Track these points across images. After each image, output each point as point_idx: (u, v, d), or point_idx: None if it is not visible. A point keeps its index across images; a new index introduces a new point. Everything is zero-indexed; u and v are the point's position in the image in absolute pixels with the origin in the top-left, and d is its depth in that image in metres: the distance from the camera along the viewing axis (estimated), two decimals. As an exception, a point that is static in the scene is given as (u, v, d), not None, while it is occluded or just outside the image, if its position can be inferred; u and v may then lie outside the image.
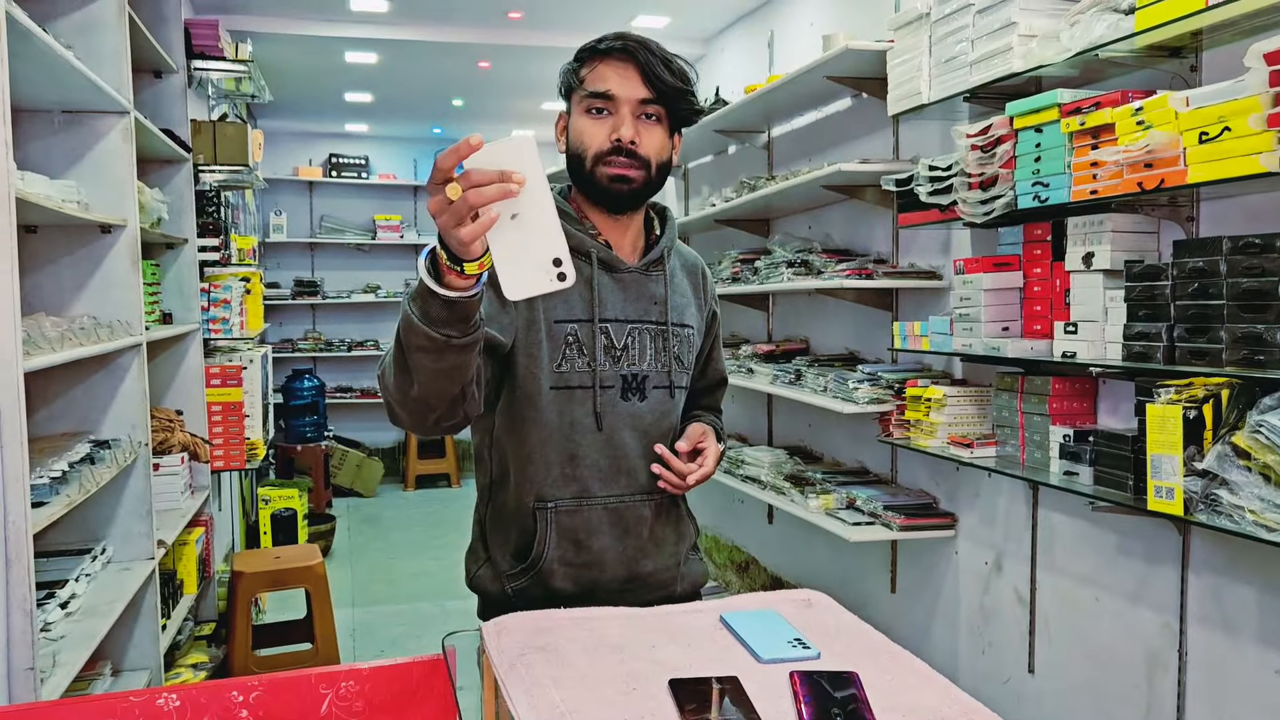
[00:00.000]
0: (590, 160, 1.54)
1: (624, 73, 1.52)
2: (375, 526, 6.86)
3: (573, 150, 1.57)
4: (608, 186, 1.54)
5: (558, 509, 1.58)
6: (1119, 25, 2.22)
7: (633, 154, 1.53)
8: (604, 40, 1.54)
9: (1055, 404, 2.61)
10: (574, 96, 1.58)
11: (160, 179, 3.67)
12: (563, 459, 1.58)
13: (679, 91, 1.54)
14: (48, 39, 2.09)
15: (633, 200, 1.58)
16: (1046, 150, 2.42)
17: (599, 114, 1.54)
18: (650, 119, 1.54)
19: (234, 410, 3.99)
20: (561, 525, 1.58)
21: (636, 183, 1.55)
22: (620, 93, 1.52)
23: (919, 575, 3.51)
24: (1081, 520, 2.72)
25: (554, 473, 1.58)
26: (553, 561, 1.58)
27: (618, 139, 1.52)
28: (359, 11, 4.85)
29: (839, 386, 3.39)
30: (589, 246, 1.58)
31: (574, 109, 1.58)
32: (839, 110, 3.94)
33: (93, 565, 2.71)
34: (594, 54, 1.55)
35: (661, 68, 1.51)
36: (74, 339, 2.35)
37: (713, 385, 1.86)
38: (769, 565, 4.68)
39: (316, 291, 8.25)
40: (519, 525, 1.60)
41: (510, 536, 1.62)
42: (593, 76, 1.54)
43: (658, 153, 1.56)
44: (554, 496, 1.58)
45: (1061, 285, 2.55)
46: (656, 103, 1.53)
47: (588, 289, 1.57)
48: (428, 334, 1.22)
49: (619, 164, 1.53)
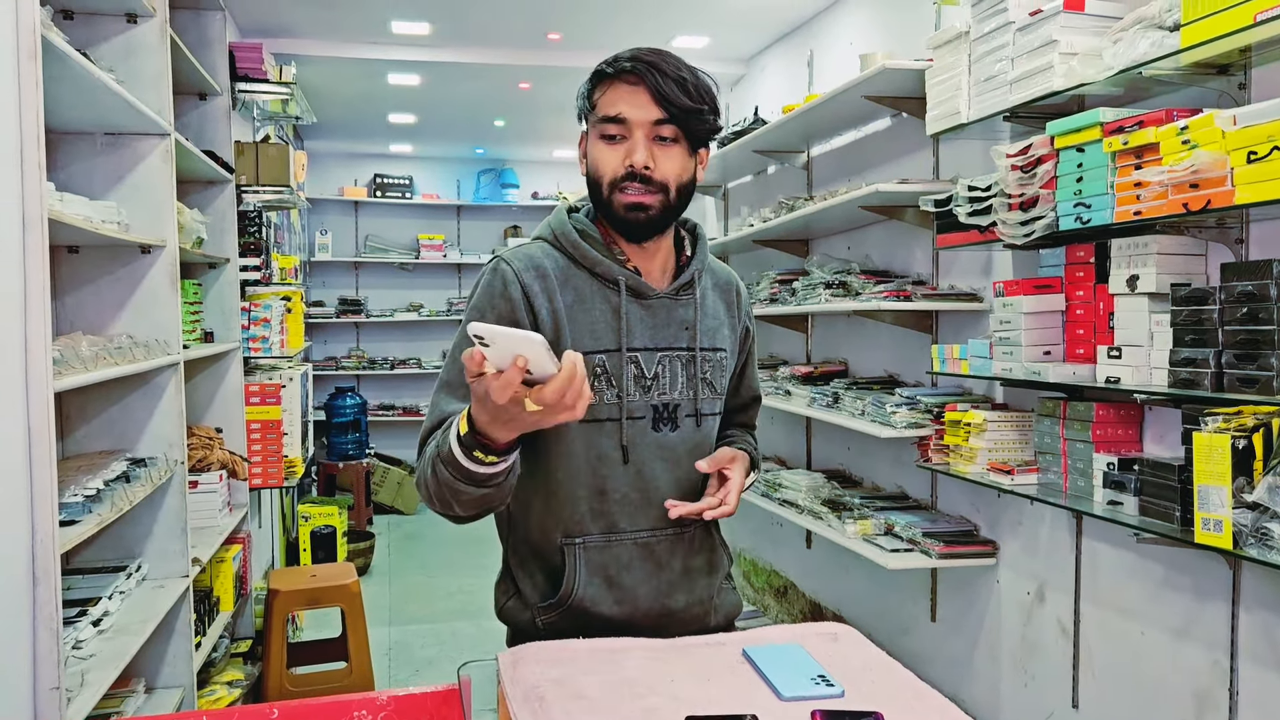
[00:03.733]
0: (606, 187, 1.50)
1: (635, 95, 1.47)
2: (415, 544, 6.88)
3: (590, 176, 1.53)
4: (625, 216, 1.50)
5: (586, 545, 1.53)
6: (1163, 42, 2.16)
7: (648, 179, 1.48)
8: (614, 61, 1.50)
9: (1099, 431, 2.53)
10: (589, 120, 1.54)
11: (203, 200, 3.72)
12: (590, 493, 1.53)
13: (693, 110, 1.48)
14: (85, 63, 2.13)
15: (650, 228, 1.52)
16: (1089, 170, 2.36)
17: (612, 140, 1.49)
18: (666, 141, 1.49)
19: (273, 428, 4.02)
20: (591, 561, 1.53)
21: (654, 210, 1.50)
22: (632, 116, 1.47)
23: (960, 604, 3.42)
24: (1127, 551, 2.63)
25: (581, 508, 1.53)
26: (583, 599, 1.53)
27: (630, 165, 1.47)
28: (401, 34, 4.91)
29: (877, 410, 3.33)
30: (617, 274, 1.53)
31: (590, 132, 1.54)
32: (878, 130, 3.89)
33: (127, 582, 2.73)
34: (605, 76, 1.51)
35: (673, 87, 1.46)
36: (108, 358, 2.37)
37: (746, 403, 1.81)
38: (807, 590, 4.61)
39: (360, 310, 8.34)
40: (547, 560, 1.56)
41: (538, 571, 1.58)
42: (604, 100, 1.50)
43: (676, 175, 1.51)
44: (582, 532, 1.53)
45: (1105, 308, 2.48)
46: (670, 123, 1.48)
47: (615, 318, 1.53)
48: (465, 487, 1.32)
49: (634, 190, 1.48)
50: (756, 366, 1.82)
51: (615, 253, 1.56)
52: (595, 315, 1.52)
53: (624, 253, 1.57)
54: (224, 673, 3.58)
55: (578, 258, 1.54)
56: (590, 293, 1.53)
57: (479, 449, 1.27)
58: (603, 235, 1.56)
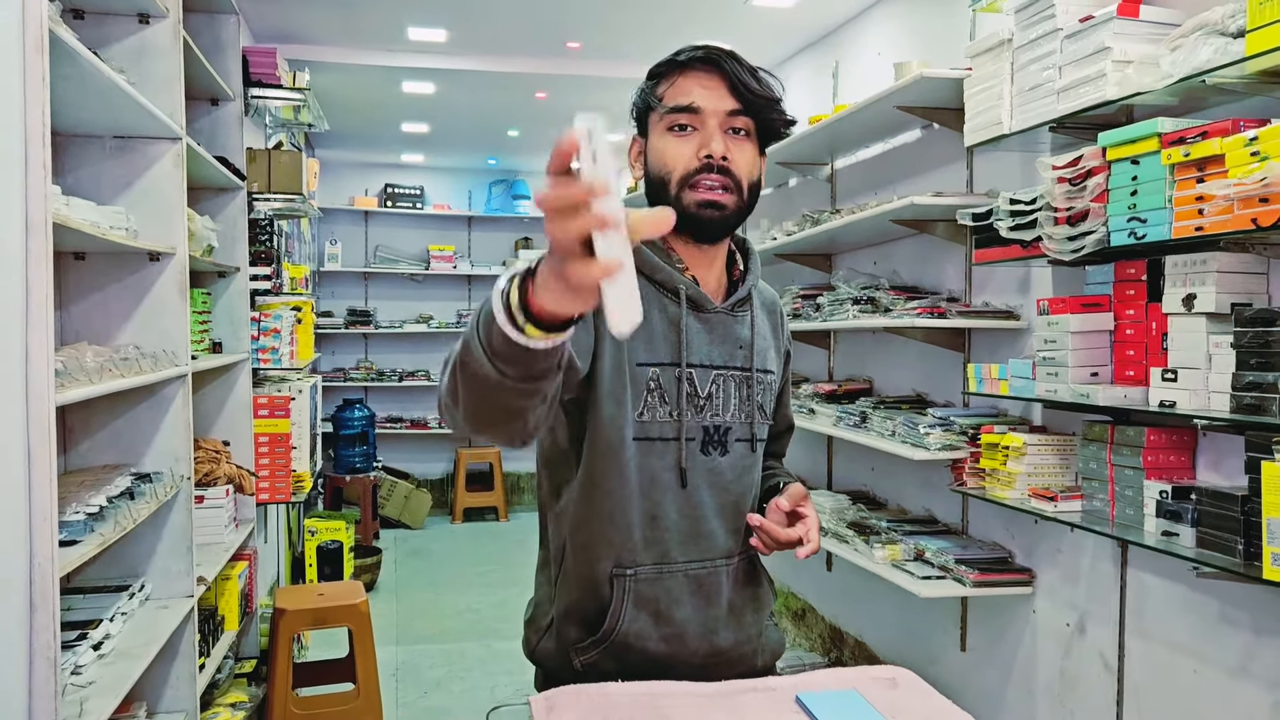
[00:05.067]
0: (676, 184, 1.38)
1: (709, 84, 1.37)
2: (422, 560, 6.76)
3: (654, 174, 1.41)
4: (697, 213, 1.37)
5: (637, 576, 1.40)
6: (1227, 49, 2.05)
7: (725, 171, 1.37)
8: (683, 52, 1.40)
9: (1150, 457, 2.41)
10: (652, 117, 1.42)
11: (213, 207, 3.62)
12: (644, 519, 1.40)
13: (769, 101, 1.38)
14: (95, 61, 2.03)
15: (724, 228, 1.41)
16: (1144, 184, 2.25)
17: (683, 130, 1.38)
18: (739, 134, 1.39)
19: (281, 442, 3.91)
20: (640, 594, 1.41)
21: (729, 209, 1.38)
22: (706, 105, 1.37)
23: (992, 634, 3.30)
24: (1178, 583, 2.51)
25: (635, 535, 1.40)
26: (628, 635, 1.40)
27: (707, 155, 1.36)
28: (417, 41, 4.82)
29: (909, 431, 3.21)
30: (678, 283, 1.41)
31: (652, 130, 1.42)
32: (907, 141, 3.79)
33: (129, 603, 2.62)
34: (674, 67, 1.40)
35: (749, 76, 1.37)
36: (114, 370, 2.27)
37: (781, 432, 1.70)
38: (826, 614, 4.48)
39: (369, 321, 8.24)
40: (592, 593, 1.42)
41: (581, 605, 1.44)
42: (673, 91, 1.39)
43: (749, 171, 1.40)
44: (634, 562, 1.40)
45: (1158, 329, 2.36)
46: (745, 114, 1.38)
47: (674, 330, 1.41)
48: (486, 367, 1.00)
49: (709, 186, 1.37)
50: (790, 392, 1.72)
51: (674, 260, 1.45)
52: (652, 324, 1.40)
53: (682, 260, 1.45)
54: (228, 694, 3.46)
55: (635, 262, 1.42)
56: (647, 300, 1.39)
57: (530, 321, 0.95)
58: (662, 240, 1.45)
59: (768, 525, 1.41)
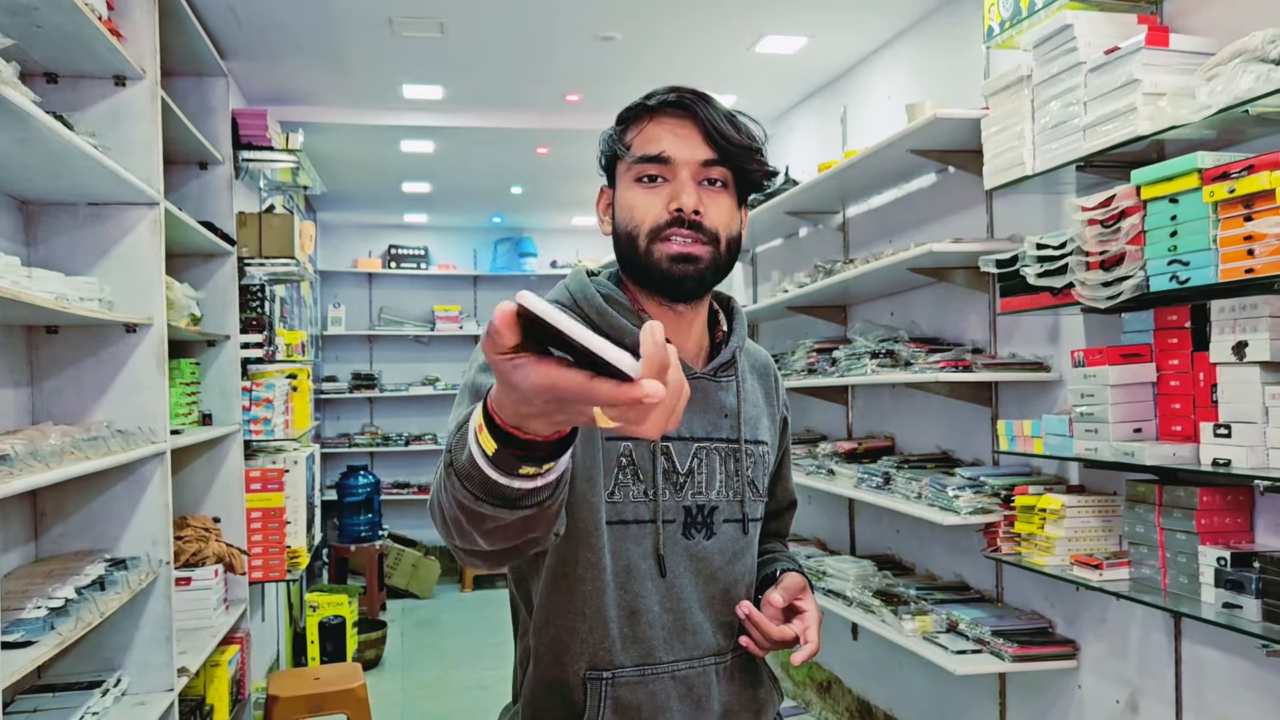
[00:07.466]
0: (645, 237, 1.23)
1: (681, 131, 1.22)
2: (430, 632, 6.52)
3: (621, 228, 1.26)
4: (668, 269, 1.22)
5: (615, 680, 1.22)
6: (1270, 77, 1.89)
7: (697, 225, 1.21)
8: (653, 95, 1.25)
9: (1204, 519, 2.21)
10: (619, 166, 1.27)
11: (202, 274, 3.49)
12: (621, 614, 1.22)
13: (747, 150, 1.23)
14: (52, 124, 1.89)
15: (699, 285, 1.25)
16: (1184, 223, 2.08)
17: (652, 182, 1.23)
18: (715, 185, 1.24)
19: (275, 516, 3.74)
20: (620, 700, 1.22)
21: (703, 262, 1.22)
22: (677, 154, 1.22)
23: (1034, 710, 3.06)
24: (1241, 658, 2.29)
25: (611, 632, 1.22)
26: None
27: (677, 209, 1.21)
28: (413, 99, 4.72)
29: (937, 493, 3.00)
30: None
31: (620, 180, 1.27)
32: (923, 186, 3.63)
33: (102, 701, 2.44)
34: (643, 111, 1.25)
35: (724, 123, 1.22)
36: (78, 452, 2.10)
37: (781, 509, 1.52)
38: (854, 687, 4.23)
39: (374, 384, 8.08)
40: (563, 700, 1.24)
41: (551, 714, 1.25)
42: (642, 139, 1.24)
43: (726, 225, 1.24)
44: (611, 663, 1.22)
45: (1206, 379, 2.17)
46: (721, 164, 1.23)
47: None
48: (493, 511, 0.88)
49: (680, 239, 1.21)
50: (791, 465, 1.53)
51: (645, 320, 1.28)
52: None
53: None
54: (218, 790, 3.25)
55: (602, 326, 1.25)
56: None
57: (512, 448, 0.81)
58: (631, 301, 1.29)
59: (758, 617, 1.24)
